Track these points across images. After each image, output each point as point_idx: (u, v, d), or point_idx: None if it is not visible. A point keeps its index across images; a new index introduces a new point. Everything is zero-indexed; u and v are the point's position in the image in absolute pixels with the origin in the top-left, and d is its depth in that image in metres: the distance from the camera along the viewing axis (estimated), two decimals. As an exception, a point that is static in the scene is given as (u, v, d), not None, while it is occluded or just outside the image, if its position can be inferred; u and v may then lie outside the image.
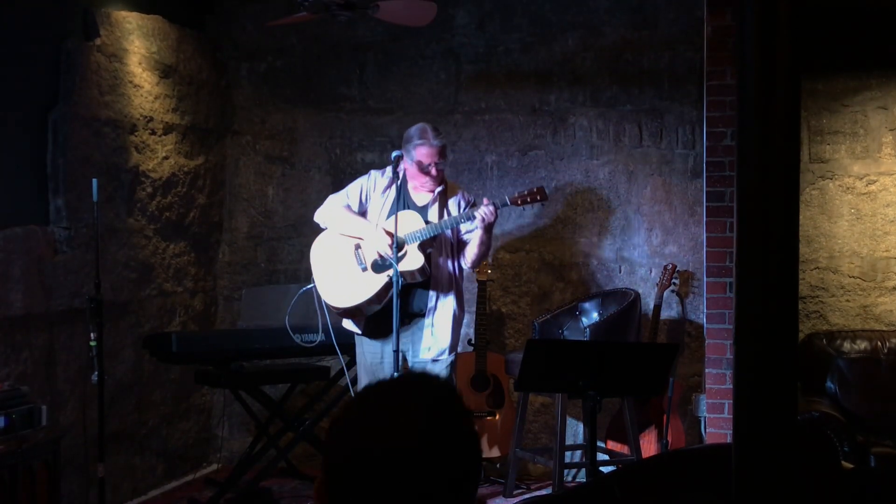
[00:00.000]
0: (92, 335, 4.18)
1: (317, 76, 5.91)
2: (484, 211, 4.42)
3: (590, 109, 5.59)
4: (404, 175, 4.65)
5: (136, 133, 5.09)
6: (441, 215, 4.60)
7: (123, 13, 4.99)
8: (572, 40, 5.58)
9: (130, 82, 5.03)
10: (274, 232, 5.96)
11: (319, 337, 4.70)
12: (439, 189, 4.62)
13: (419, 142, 4.54)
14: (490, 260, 5.40)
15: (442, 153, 4.58)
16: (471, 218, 4.46)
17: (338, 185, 5.82)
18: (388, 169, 4.72)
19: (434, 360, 4.60)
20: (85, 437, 4.41)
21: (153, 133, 5.23)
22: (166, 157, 5.35)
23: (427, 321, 4.58)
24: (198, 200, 5.68)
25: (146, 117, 5.16)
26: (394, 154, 4.48)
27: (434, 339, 4.58)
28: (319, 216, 4.73)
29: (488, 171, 5.65)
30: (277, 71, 5.96)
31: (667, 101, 5.48)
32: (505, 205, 4.52)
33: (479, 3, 5.69)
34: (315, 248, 4.70)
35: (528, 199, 4.54)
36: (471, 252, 4.57)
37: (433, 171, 4.52)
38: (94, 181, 4.30)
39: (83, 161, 4.66)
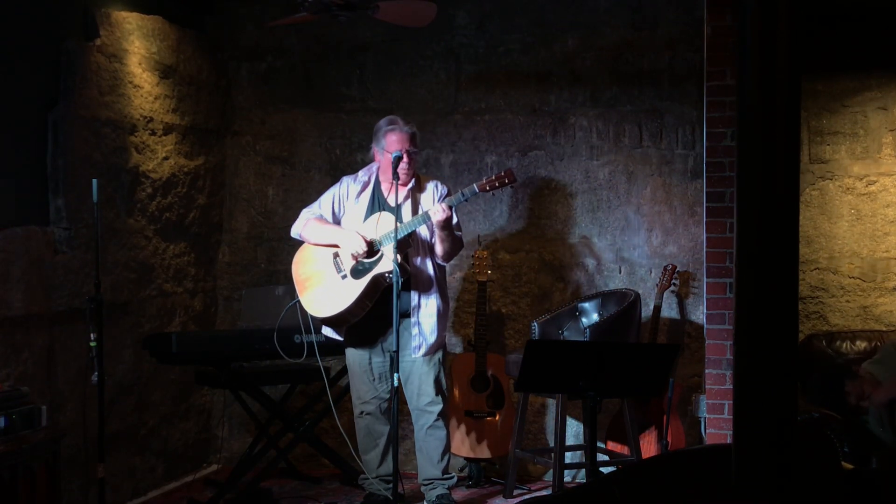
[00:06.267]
0: (92, 335, 4.18)
1: (317, 76, 5.91)
2: (434, 209, 4.44)
3: (590, 110, 5.58)
4: (377, 178, 4.67)
5: (136, 133, 5.09)
6: (416, 212, 4.61)
7: (123, 13, 4.98)
8: (572, 40, 5.58)
9: (130, 83, 5.03)
10: (274, 232, 5.96)
11: (305, 349, 4.72)
12: (410, 186, 4.63)
13: (389, 128, 4.58)
14: (490, 261, 5.40)
15: (413, 140, 4.59)
16: (428, 219, 4.47)
17: (338, 186, 5.84)
18: (360, 174, 4.76)
19: (424, 356, 4.63)
20: (85, 438, 4.41)
21: (153, 133, 5.23)
22: (166, 158, 5.35)
23: (412, 320, 4.60)
24: (198, 201, 5.68)
25: (146, 118, 5.16)
26: (394, 155, 4.49)
27: (422, 338, 4.62)
28: (295, 231, 4.79)
29: (488, 172, 5.63)
30: (277, 71, 5.96)
31: (667, 102, 5.48)
32: (474, 193, 4.51)
33: (479, 3, 5.69)
34: (294, 264, 4.76)
35: (497, 184, 4.50)
36: (437, 249, 4.62)
37: (405, 159, 4.53)
38: (94, 181, 4.30)
39: (83, 161, 4.66)
